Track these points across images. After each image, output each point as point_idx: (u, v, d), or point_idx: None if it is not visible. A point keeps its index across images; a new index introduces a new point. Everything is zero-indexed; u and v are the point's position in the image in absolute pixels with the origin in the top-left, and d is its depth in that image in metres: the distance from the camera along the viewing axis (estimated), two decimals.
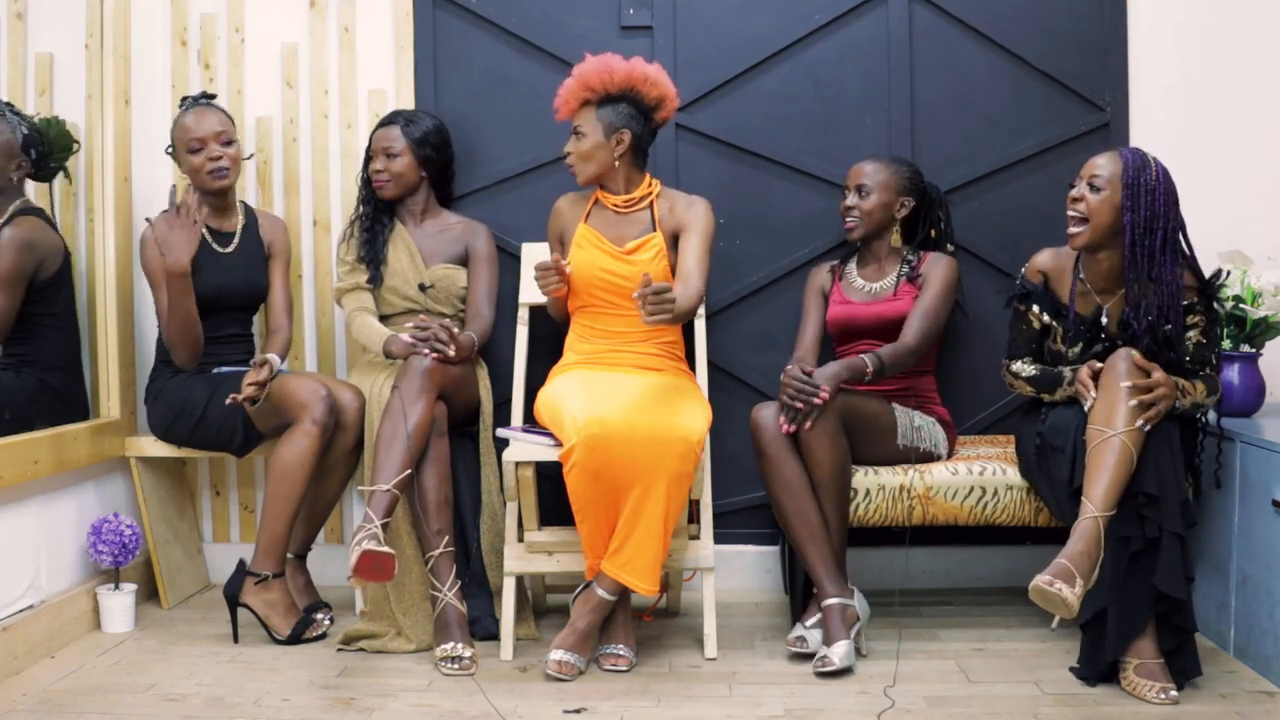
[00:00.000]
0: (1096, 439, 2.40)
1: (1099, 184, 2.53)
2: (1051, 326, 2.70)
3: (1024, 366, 2.73)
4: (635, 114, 2.83)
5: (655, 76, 2.83)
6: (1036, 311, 2.72)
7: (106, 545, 2.85)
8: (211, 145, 2.92)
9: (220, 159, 2.92)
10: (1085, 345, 2.64)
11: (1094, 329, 2.63)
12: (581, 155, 2.84)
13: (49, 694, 2.48)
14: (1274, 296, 2.79)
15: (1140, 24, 3.19)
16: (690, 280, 2.75)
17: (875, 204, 2.90)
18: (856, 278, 2.98)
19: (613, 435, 2.50)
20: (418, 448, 2.66)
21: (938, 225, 3.01)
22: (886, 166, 2.93)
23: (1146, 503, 2.38)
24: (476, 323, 3.02)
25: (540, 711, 2.36)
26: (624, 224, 2.88)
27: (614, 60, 2.81)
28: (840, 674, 2.49)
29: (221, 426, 2.91)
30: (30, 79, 3.16)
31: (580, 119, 2.84)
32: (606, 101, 2.81)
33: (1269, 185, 3.18)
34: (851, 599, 2.60)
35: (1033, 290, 2.72)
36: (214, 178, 2.93)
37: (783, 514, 2.64)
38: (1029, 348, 2.75)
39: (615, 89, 2.80)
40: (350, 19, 3.29)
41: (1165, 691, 2.33)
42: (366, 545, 2.41)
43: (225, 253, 2.99)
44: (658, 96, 2.84)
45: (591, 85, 2.81)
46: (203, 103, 2.98)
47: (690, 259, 2.80)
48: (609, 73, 2.79)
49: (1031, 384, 2.70)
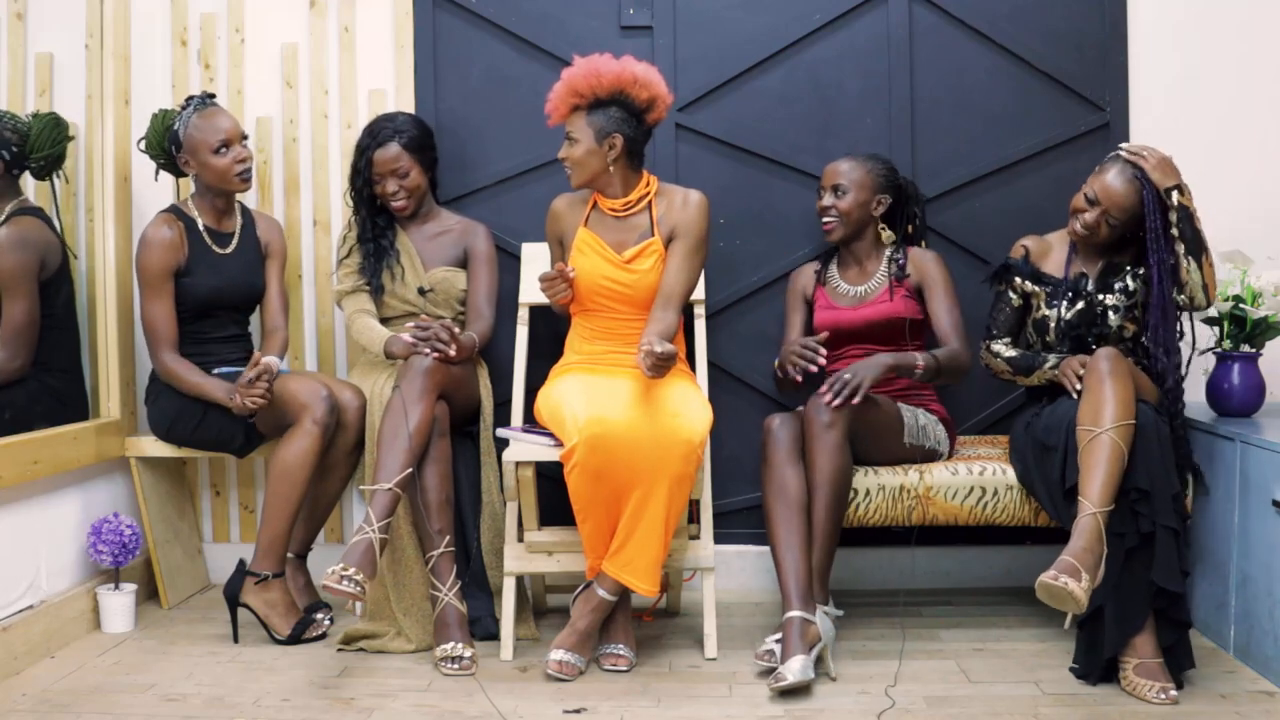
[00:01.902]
0: (1086, 438, 2.42)
1: (1113, 221, 2.67)
2: (1033, 294, 2.80)
3: (1003, 348, 2.83)
4: (626, 117, 2.75)
5: (644, 77, 2.75)
6: (1018, 283, 2.81)
7: (106, 545, 2.85)
8: (236, 146, 2.90)
9: (247, 160, 2.92)
10: (1069, 303, 2.73)
11: (1077, 287, 2.74)
12: (575, 161, 2.79)
13: (49, 694, 2.48)
14: (1274, 296, 2.79)
15: (1140, 23, 3.19)
16: (671, 301, 2.75)
17: (852, 203, 2.89)
18: (840, 281, 2.97)
19: (614, 435, 2.50)
20: (419, 447, 2.66)
21: (913, 221, 3.02)
22: (861, 164, 2.91)
23: (1139, 498, 2.40)
24: (477, 324, 3.01)
25: (540, 711, 2.36)
26: (623, 228, 2.85)
27: (602, 63, 2.74)
28: (796, 692, 2.41)
29: (222, 427, 2.91)
30: (30, 79, 3.16)
31: (571, 124, 2.77)
32: (596, 106, 2.74)
33: (1269, 185, 3.18)
34: (815, 617, 2.51)
35: (1014, 263, 2.82)
36: (242, 179, 2.92)
37: (771, 520, 2.61)
38: (1008, 328, 2.85)
39: (604, 93, 2.73)
40: (350, 19, 3.29)
41: (1165, 691, 2.33)
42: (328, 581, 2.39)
43: (223, 254, 2.99)
44: (648, 98, 2.76)
45: (579, 90, 2.74)
46: (211, 103, 2.95)
47: (672, 275, 2.77)
48: (596, 77, 2.72)
49: (1010, 365, 2.80)
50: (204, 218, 2.98)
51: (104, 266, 3.05)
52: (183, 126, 2.91)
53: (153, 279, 2.89)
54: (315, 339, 3.33)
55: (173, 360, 2.89)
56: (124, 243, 3.09)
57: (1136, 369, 2.59)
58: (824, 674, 2.51)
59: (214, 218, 3.00)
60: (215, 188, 2.94)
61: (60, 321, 2.99)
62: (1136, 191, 2.63)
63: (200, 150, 2.89)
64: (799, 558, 2.55)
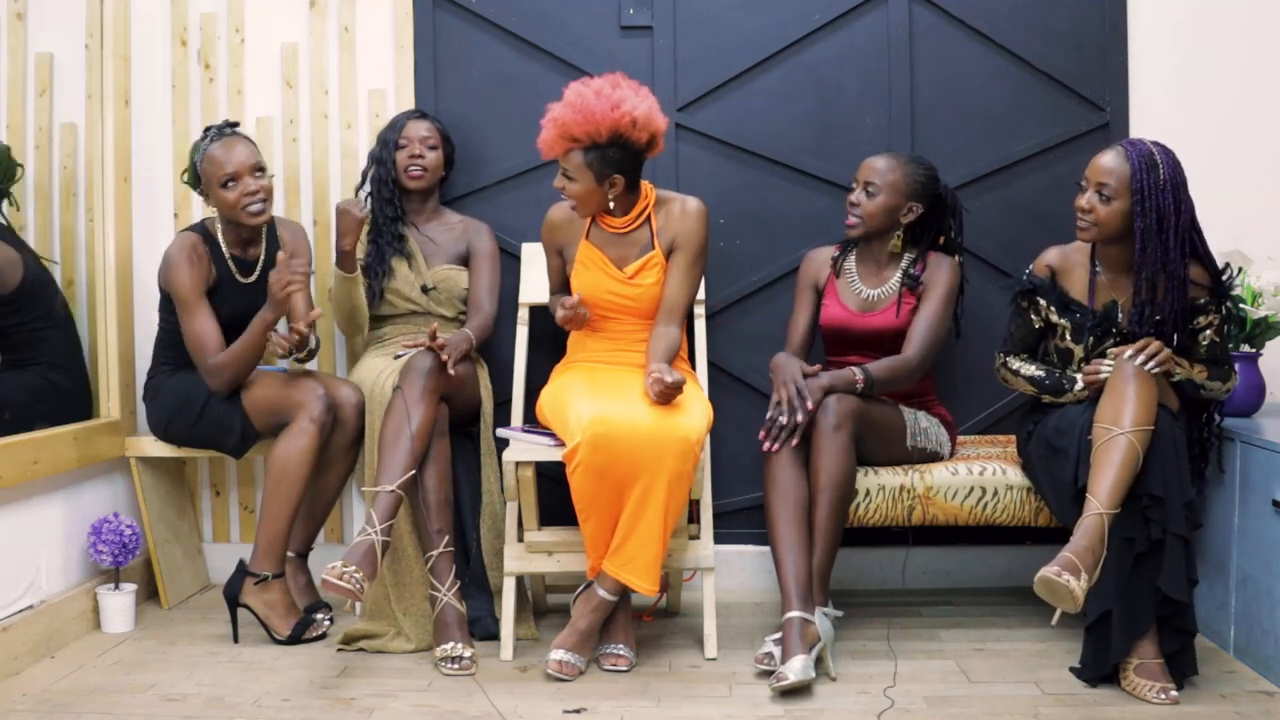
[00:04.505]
0: (1103, 437, 2.39)
1: (1109, 193, 2.51)
2: (1058, 325, 2.68)
3: (1025, 365, 2.72)
4: (625, 156, 2.67)
5: (644, 120, 2.64)
6: (1043, 306, 2.68)
7: (106, 545, 2.85)
8: (245, 179, 2.82)
9: (257, 192, 2.83)
10: (1096, 340, 2.62)
11: (1106, 322, 2.61)
12: (576, 198, 2.72)
13: (49, 694, 2.48)
14: (1274, 296, 2.80)
15: (1140, 23, 3.19)
16: (674, 314, 2.76)
17: (879, 207, 2.79)
18: (855, 278, 2.90)
19: (617, 434, 2.50)
20: (421, 449, 2.66)
21: (948, 233, 2.89)
22: (900, 166, 2.80)
23: (1151, 504, 2.37)
24: (478, 317, 3.02)
25: (540, 711, 2.36)
26: (624, 243, 2.82)
27: (596, 108, 2.60)
28: (797, 692, 2.41)
29: (219, 424, 2.90)
30: (30, 79, 3.16)
31: (568, 163, 2.68)
32: (594, 147, 2.65)
33: (1269, 185, 3.18)
34: (814, 617, 2.50)
35: (1039, 285, 2.69)
36: (251, 214, 2.84)
37: (772, 520, 2.60)
38: (1025, 345, 2.75)
39: (603, 139, 2.63)
40: (350, 19, 3.29)
41: (1165, 691, 2.33)
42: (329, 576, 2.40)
43: (246, 283, 2.93)
44: (648, 138, 2.67)
45: (575, 136, 2.63)
46: (229, 132, 2.87)
47: (673, 288, 2.77)
48: (593, 125, 2.61)
49: (1034, 385, 2.68)
50: (228, 244, 2.92)
51: (104, 267, 3.05)
52: (199, 159, 2.86)
53: (187, 296, 2.82)
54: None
55: (215, 358, 2.81)
56: (124, 243, 3.09)
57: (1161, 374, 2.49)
58: (824, 674, 2.51)
59: (238, 245, 2.94)
60: (232, 221, 2.89)
61: (55, 321, 2.98)
62: (1122, 155, 2.51)
63: (211, 184, 2.84)
64: (799, 558, 2.55)
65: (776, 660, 2.51)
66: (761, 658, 2.57)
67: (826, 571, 2.60)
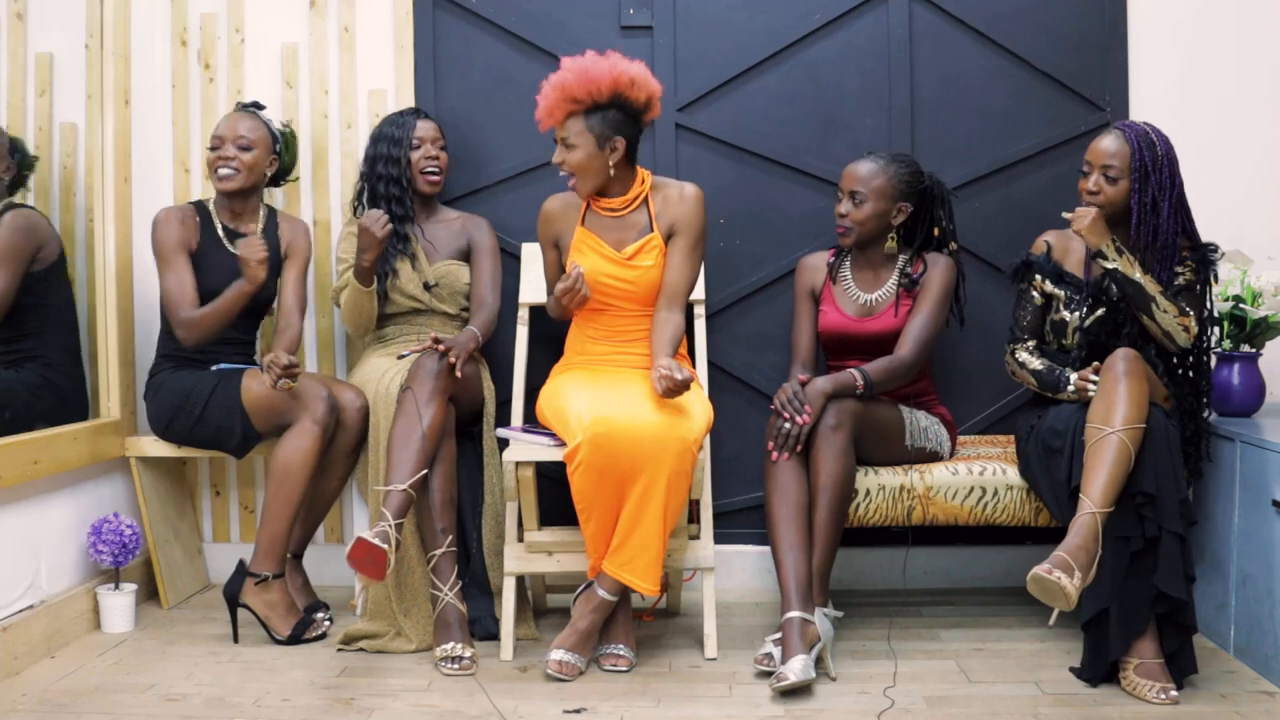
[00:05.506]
0: (1095, 436, 2.40)
1: (1114, 174, 2.60)
2: (1053, 296, 2.72)
3: (1030, 358, 2.73)
4: (625, 119, 2.71)
5: (640, 78, 2.70)
6: (1039, 281, 2.73)
7: (106, 545, 2.85)
8: (227, 145, 2.94)
9: (232, 160, 2.93)
10: (1089, 309, 2.66)
11: (1098, 290, 2.66)
12: (577, 168, 2.73)
13: (49, 694, 2.48)
14: (1274, 296, 2.79)
15: (1140, 23, 3.19)
16: (676, 300, 2.77)
17: (869, 213, 2.79)
18: (851, 284, 2.89)
19: (617, 434, 2.50)
20: (432, 449, 2.67)
21: (940, 224, 2.89)
22: (883, 170, 2.79)
23: (1145, 502, 2.38)
24: (482, 313, 3.02)
25: (540, 711, 2.36)
26: (621, 226, 2.83)
27: (594, 68, 2.67)
28: (797, 692, 2.41)
29: (220, 425, 2.90)
30: (30, 79, 3.15)
31: (568, 130, 2.71)
32: (594, 109, 2.69)
33: (1269, 185, 3.18)
34: (814, 617, 2.51)
35: (1035, 260, 2.75)
36: (219, 179, 2.95)
37: (772, 520, 2.60)
38: (1034, 329, 2.76)
39: (603, 98, 2.68)
40: (350, 19, 3.29)
41: (1165, 691, 2.33)
42: (365, 534, 2.44)
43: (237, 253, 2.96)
44: (645, 99, 2.72)
45: (576, 96, 2.67)
46: (249, 109, 3.02)
47: (674, 273, 2.77)
48: (594, 83, 2.66)
49: (1036, 379, 2.70)
50: (220, 215, 3.02)
51: (104, 267, 3.05)
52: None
53: (168, 252, 2.91)
54: (315, 339, 3.33)
55: (188, 312, 2.87)
56: (124, 243, 3.09)
57: (1152, 372, 2.54)
58: (824, 674, 2.51)
59: (229, 216, 3.02)
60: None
61: (59, 316, 2.99)
62: (1121, 137, 2.59)
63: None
64: (799, 558, 2.55)
65: (776, 660, 2.51)
66: (761, 658, 2.57)
67: (826, 571, 2.60)
